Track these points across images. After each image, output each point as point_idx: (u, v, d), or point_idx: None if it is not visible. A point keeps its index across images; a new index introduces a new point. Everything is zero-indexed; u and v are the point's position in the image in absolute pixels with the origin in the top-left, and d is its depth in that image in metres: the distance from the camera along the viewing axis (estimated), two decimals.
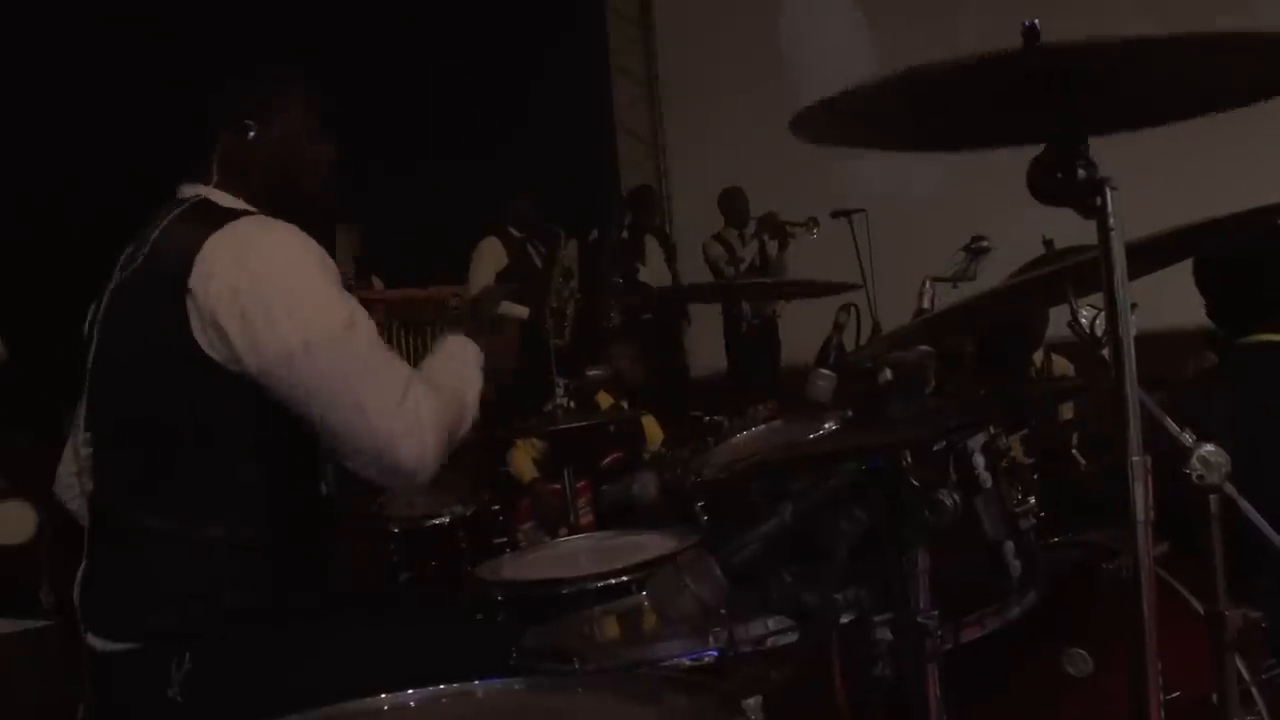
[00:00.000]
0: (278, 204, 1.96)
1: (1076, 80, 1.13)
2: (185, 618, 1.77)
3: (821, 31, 8.27)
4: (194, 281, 1.77)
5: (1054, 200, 1.14)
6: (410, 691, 1.29)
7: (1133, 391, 1.13)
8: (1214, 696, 1.43)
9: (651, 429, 5.12)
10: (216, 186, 1.95)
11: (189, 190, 1.96)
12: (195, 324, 1.77)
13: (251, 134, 1.95)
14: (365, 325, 1.82)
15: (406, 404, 1.79)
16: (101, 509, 1.89)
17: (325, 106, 2.04)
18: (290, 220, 1.93)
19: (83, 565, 1.89)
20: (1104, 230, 1.13)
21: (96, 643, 1.82)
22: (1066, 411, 3.87)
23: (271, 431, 1.82)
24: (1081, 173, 1.12)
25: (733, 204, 7.70)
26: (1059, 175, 1.13)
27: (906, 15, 7.74)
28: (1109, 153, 1.27)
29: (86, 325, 1.98)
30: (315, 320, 1.78)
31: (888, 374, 1.49)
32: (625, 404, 5.10)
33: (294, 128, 1.99)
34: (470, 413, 1.95)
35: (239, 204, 1.94)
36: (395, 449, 1.77)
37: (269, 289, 1.77)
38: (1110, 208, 1.13)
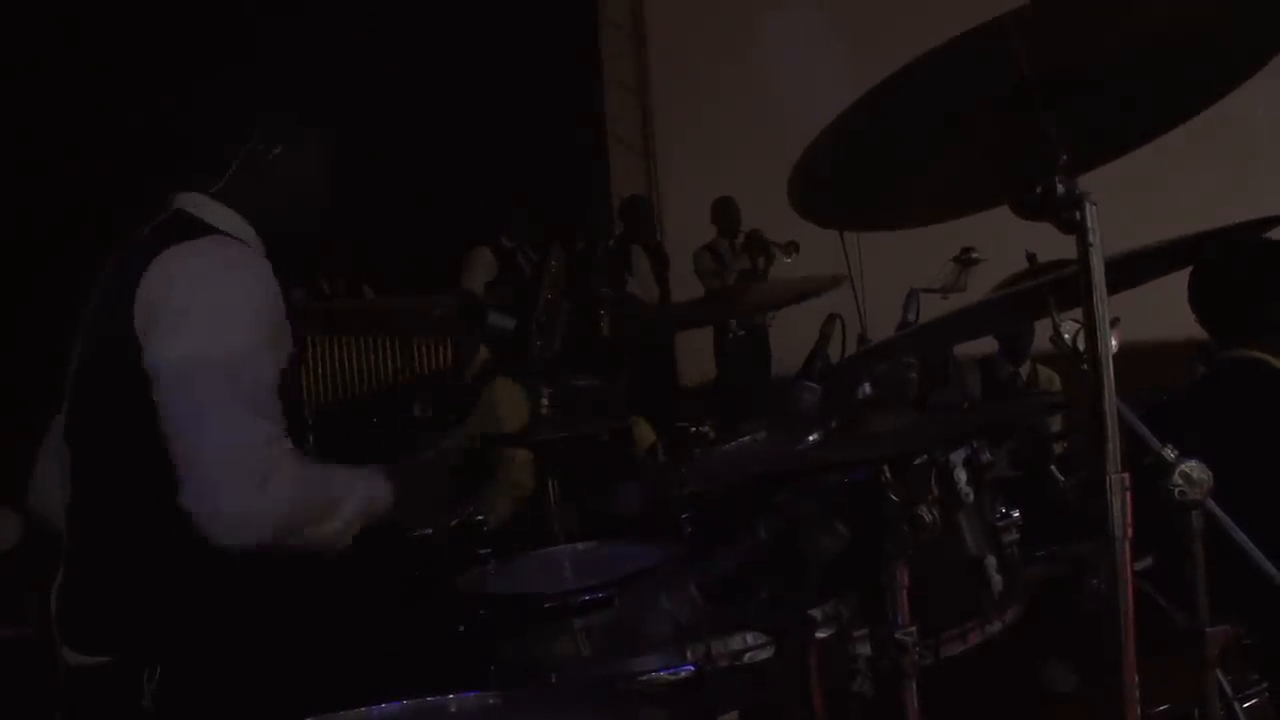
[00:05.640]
0: (271, 221, 1.96)
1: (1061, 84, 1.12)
2: (157, 629, 1.75)
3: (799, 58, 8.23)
4: (139, 291, 1.76)
5: (1032, 215, 1.13)
6: (382, 705, 1.27)
7: (1111, 406, 1.12)
8: (1196, 712, 1.42)
9: (644, 434, 5.08)
10: (215, 196, 1.93)
11: (178, 199, 1.94)
12: None
13: (277, 150, 1.94)
14: (266, 370, 1.77)
15: (258, 456, 1.70)
16: (77, 520, 1.87)
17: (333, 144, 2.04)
18: (273, 240, 1.93)
19: (59, 577, 1.88)
20: (1083, 245, 1.12)
21: (70, 656, 1.80)
22: (1054, 424, 3.87)
23: None
24: (1061, 188, 1.11)
25: (725, 213, 7.69)
26: (1038, 190, 1.11)
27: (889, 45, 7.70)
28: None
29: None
30: (205, 337, 1.73)
31: (867, 388, 1.48)
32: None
33: (310, 157, 1.99)
34: (338, 520, 1.80)
35: (226, 216, 1.91)
36: (223, 487, 1.68)
37: (181, 298, 1.75)
38: (1090, 223, 1.12)
